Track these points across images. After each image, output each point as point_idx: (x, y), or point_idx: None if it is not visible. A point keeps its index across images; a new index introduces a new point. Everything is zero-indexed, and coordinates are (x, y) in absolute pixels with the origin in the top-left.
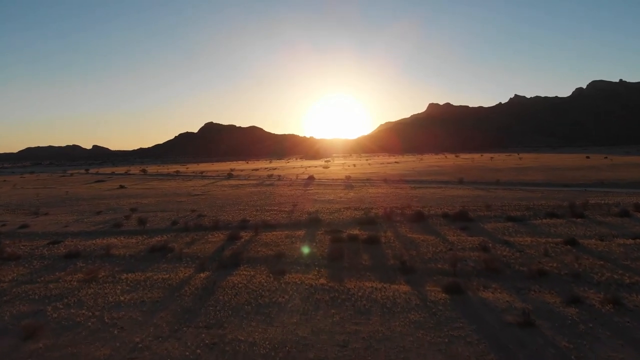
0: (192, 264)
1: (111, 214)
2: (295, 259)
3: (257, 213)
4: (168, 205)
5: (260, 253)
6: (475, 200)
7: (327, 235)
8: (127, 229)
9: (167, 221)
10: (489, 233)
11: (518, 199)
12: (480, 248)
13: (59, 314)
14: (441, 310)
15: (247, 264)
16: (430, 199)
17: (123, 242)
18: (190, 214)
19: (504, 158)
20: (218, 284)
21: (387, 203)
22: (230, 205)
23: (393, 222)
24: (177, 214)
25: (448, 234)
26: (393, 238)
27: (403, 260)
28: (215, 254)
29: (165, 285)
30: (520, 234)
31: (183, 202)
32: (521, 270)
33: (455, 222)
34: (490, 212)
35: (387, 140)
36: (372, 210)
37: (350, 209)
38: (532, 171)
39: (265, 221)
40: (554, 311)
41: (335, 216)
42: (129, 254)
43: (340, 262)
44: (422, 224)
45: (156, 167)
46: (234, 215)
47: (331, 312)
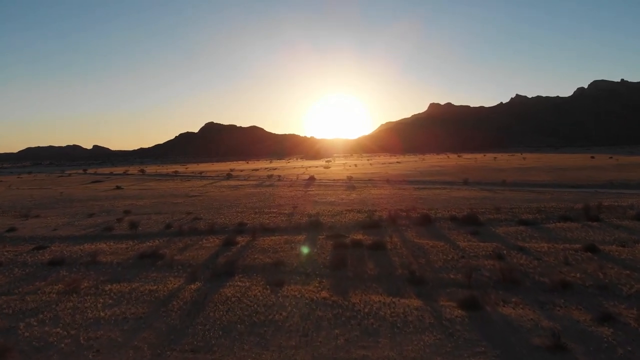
0: (183, 272)
1: (104, 216)
2: (295, 268)
3: (256, 216)
4: (164, 207)
5: (257, 260)
6: (482, 202)
7: (328, 241)
8: (118, 232)
9: (161, 224)
10: (501, 238)
11: (527, 200)
12: (494, 255)
13: (31, 333)
14: (459, 331)
15: (242, 273)
16: (435, 200)
17: (112, 248)
18: (185, 216)
19: (507, 158)
20: (209, 297)
21: (391, 205)
22: (227, 207)
23: (398, 225)
24: (172, 216)
25: (458, 240)
26: (400, 244)
27: (412, 270)
28: (209, 261)
29: (151, 298)
30: (535, 239)
31: (179, 204)
32: (542, 281)
33: (465, 226)
34: (500, 215)
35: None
36: (375, 213)
37: (352, 212)
38: (537, 171)
39: (263, 224)
40: (586, 331)
41: (337, 219)
42: (116, 261)
43: (344, 271)
44: (430, 228)
45: (155, 168)
46: (231, 218)
47: (335, 333)
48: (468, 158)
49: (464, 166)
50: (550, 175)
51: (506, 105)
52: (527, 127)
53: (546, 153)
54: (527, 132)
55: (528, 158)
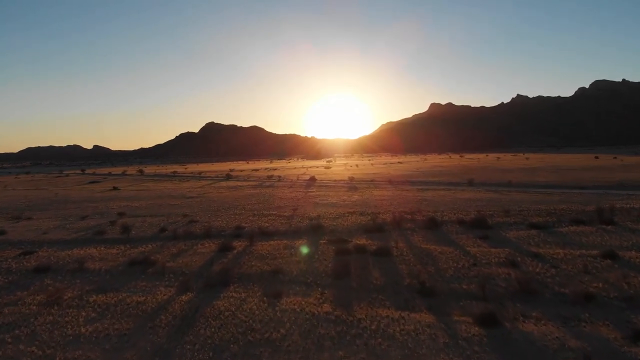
0: (174, 281)
1: (97, 218)
2: (294, 277)
3: (254, 218)
4: (160, 209)
5: (254, 268)
6: (489, 204)
7: (330, 246)
8: (110, 237)
9: (155, 227)
10: (513, 243)
11: (536, 202)
12: (508, 263)
13: (4, 352)
14: (477, 353)
15: (238, 283)
16: (440, 202)
17: (102, 253)
18: (181, 219)
19: (510, 158)
20: (201, 310)
21: (395, 207)
22: (225, 210)
23: (403, 229)
24: (168, 219)
25: (468, 245)
26: (406, 249)
27: (421, 280)
28: (203, 268)
29: (138, 311)
30: (549, 245)
31: (176, 206)
32: (562, 292)
33: (473, 230)
34: (509, 218)
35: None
36: (379, 216)
37: (355, 214)
38: (542, 172)
39: (262, 228)
40: (618, 352)
41: (339, 222)
42: (105, 268)
43: (347, 281)
44: (437, 232)
45: (154, 168)
46: (228, 221)
47: (339, 355)
48: (470, 158)
49: (466, 166)
50: (556, 175)
51: (507, 105)
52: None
53: (548, 153)
54: (528, 132)
55: (531, 158)
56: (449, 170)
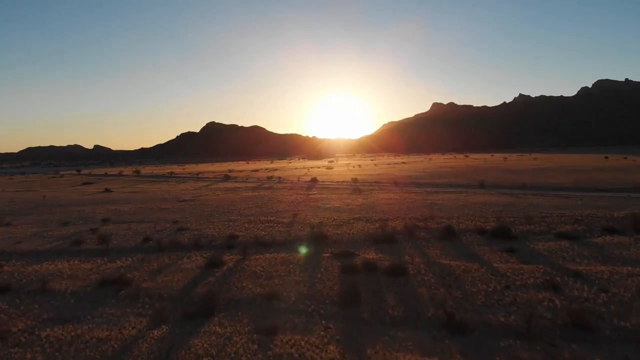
0: (148, 309)
1: (80, 224)
2: (292, 303)
3: (250, 225)
4: (149, 214)
5: (246, 291)
6: (507, 209)
7: (335, 261)
8: (87, 247)
9: (140, 236)
10: (545, 258)
11: (557, 207)
12: (547, 285)
13: None
14: None
15: (224, 311)
16: (453, 207)
17: (74, 269)
18: (170, 226)
19: (517, 158)
20: (174, 353)
21: (404, 212)
22: (219, 215)
23: (417, 239)
24: (155, 226)
25: (494, 260)
26: (423, 266)
27: (448, 311)
28: (185, 290)
29: (96, 354)
30: (587, 260)
31: (167, 210)
32: (623, 326)
33: (496, 241)
34: (533, 225)
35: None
36: (388, 223)
37: (361, 220)
38: (554, 173)
39: (257, 237)
40: None
41: (344, 230)
42: (71, 289)
43: (357, 310)
44: (455, 244)
45: (152, 168)
46: (221, 229)
47: None
48: (476, 158)
49: (474, 167)
50: (570, 177)
51: (509, 105)
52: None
53: (554, 153)
54: (531, 132)
55: (539, 158)
56: (456, 171)
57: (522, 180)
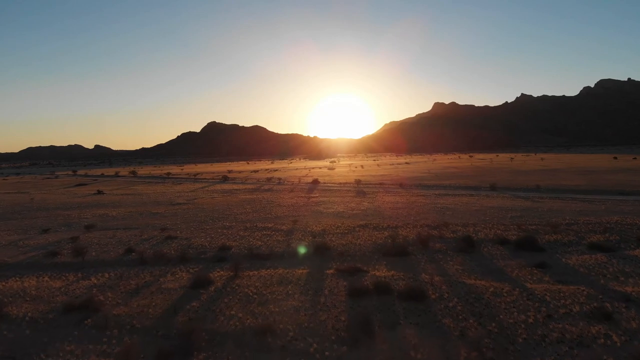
0: (115, 345)
1: (61, 232)
2: (290, 340)
3: (245, 234)
4: (138, 220)
5: (234, 322)
6: (526, 214)
7: (340, 279)
8: (63, 260)
9: (122, 247)
10: (584, 276)
11: (580, 213)
12: (597, 314)
13: None
14: None
15: (206, 351)
16: (466, 212)
17: (41, 287)
18: (158, 233)
19: (524, 158)
20: None
21: (414, 218)
22: (213, 221)
23: (432, 251)
24: (142, 233)
25: (525, 278)
26: (445, 287)
27: (486, 354)
28: (163, 320)
29: None
30: (632, 279)
31: (158, 215)
32: None
33: (522, 253)
34: (560, 235)
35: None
36: (398, 231)
37: (367, 228)
38: (565, 174)
39: (253, 248)
40: None
41: (350, 240)
42: (31, 315)
43: (370, 349)
44: (476, 257)
45: (150, 169)
46: (213, 238)
47: None
48: (481, 158)
49: (480, 167)
50: (583, 178)
51: (512, 105)
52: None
53: (559, 153)
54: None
55: (546, 158)
56: (463, 172)
57: (534, 182)
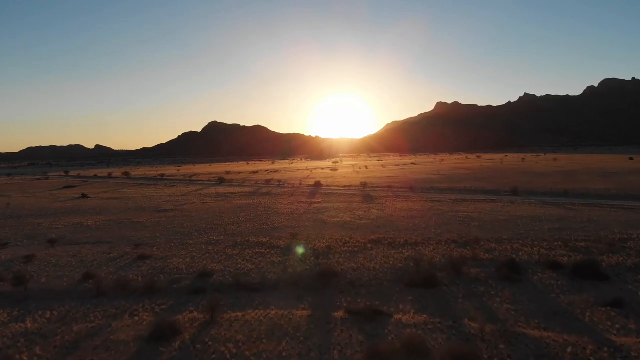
0: None
1: (21, 246)
2: None
3: (234, 252)
4: (113, 231)
5: None
6: (565, 226)
7: (354, 331)
8: (2, 289)
9: (81, 270)
10: None
11: (628, 224)
12: None
13: None
14: None
15: None
16: (494, 222)
17: None
18: (130, 251)
19: (535, 159)
20: None
21: (435, 230)
22: (199, 233)
23: (468, 280)
24: (111, 251)
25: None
26: (503, 346)
27: None
28: None
29: None
30: None
31: (138, 225)
32: None
33: (582, 283)
34: (619, 255)
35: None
36: (420, 250)
37: (382, 245)
38: (585, 176)
39: (240, 275)
40: None
41: (361, 262)
42: None
43: None
44: (527, 289)
45: (147, 169)
46: (194, 258)
47: None
48: (489, 159)
49: (492, 169)
50: (608, 181)
51: (515, 104)
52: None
53: (567, 153)
54: (537, 131)
55: (559, 159)
56: (475, 174)
57: (554, 185)
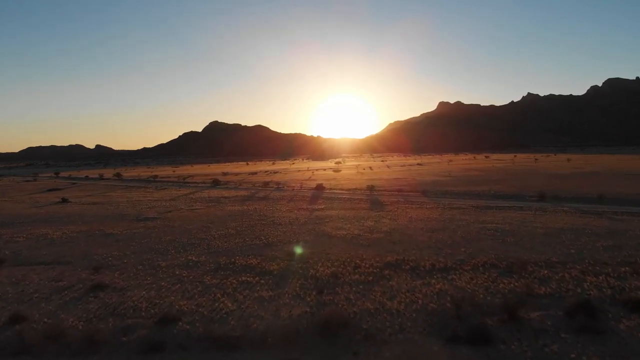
0: None
1: None
2: None
3: (213, 281)
4: (78, 247)
5: None
6: (622, 243)
7: None
8: None
9: (9, 309)
10: None
11: None
12: None
13: None
14: None
15: None
16: (532, 237)
17: None
18: (86, 277)
19: (548, 159)
20: None
21: (466, 248)
22: (177, 250)
23: (531, 331)
24: (62, 277)
25: None
26: None
27: None
28: None
29: None
30: None
31: (110, 238)
32: None
33: None
34: None
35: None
36: (454, 280)
37: (403, 270)
38: (608, 178)
39: (214, 322)
40: None
41: (379, 300)
42: None
43: None
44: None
45: (141, 170)
46: (160, 290)
47: None
48: (498, 159)
49: (505, 170)
50: (637, 184)
51: (518, 104)
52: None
53: (574, 153)
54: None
55: (572, 159)
56: (488, 175)
57: (578, 188)
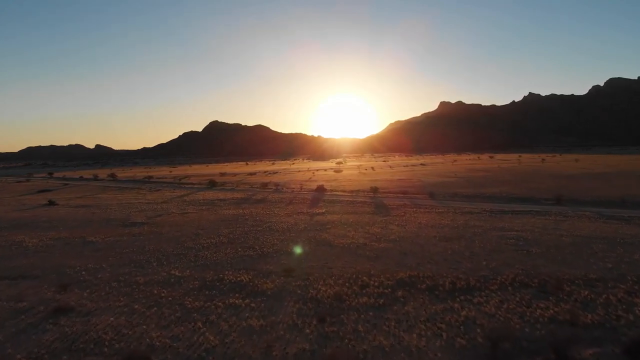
0: None
1: None
2: None
3: (195, 304)
4: (52, 258)
5: None
6: None
7: None
8: None
9: None
10: None
11: None
12: None
13: None
14: None
15: None
16: (559, 247)
17: None
18: (50, 297)
19: (555, 160)
20: None
21: (487, 262)
22: (160, 262)
23: None
24: (23, 297)
25: None
26: None
27: None
28: None
29: None
30: None
31: (89, 247)
32: None
33: None
34: None
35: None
36: (481, 305)
37: (419, 290)
38: (622, 180)
39: None
40: None
41: (395, 334)
42: None
43: None
44: None
45: (137, 171)
46: (130, 319)
47: None
48: (503, 159)
49: (512, 171)
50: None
51: (519, 104)
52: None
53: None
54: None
55: (580, 160)
56: (496, 177)
57: (593, 191)
